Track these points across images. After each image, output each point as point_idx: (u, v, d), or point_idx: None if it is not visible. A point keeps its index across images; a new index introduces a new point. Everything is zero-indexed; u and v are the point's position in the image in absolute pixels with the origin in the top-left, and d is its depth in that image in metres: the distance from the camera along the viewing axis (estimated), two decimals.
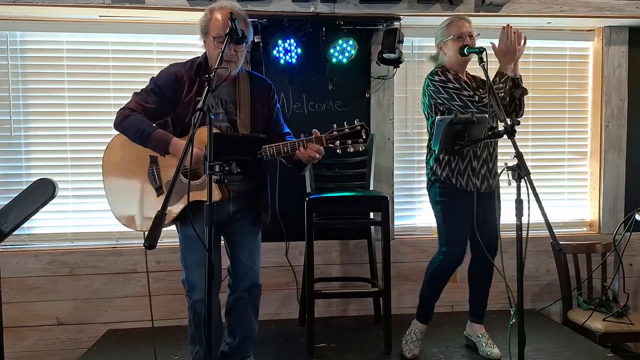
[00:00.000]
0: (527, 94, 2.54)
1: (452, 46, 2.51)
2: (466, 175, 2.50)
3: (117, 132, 2.21)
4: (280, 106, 3.17)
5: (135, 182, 2.21)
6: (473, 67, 2.62)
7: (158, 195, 2.18)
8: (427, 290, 2.66)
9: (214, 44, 2.08)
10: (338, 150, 2.05)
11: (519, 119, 2.73)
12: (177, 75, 2.15)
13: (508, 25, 2.45)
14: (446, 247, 2.53)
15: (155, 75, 2.20)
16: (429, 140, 2.59)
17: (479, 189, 2.50)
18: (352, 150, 2.03)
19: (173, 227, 2.27)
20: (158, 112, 2.16)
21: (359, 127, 2.02)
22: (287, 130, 2.35)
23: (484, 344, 2.64)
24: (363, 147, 2.05)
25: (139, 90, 2.19)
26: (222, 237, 2.33)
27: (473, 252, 2.63)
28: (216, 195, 2.00)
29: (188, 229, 2.16)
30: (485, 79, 2.18)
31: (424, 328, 2.72)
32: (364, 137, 2.02)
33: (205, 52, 2.18)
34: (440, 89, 2.45)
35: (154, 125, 2.14)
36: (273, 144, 2.07)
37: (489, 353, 2.60)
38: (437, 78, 2.48)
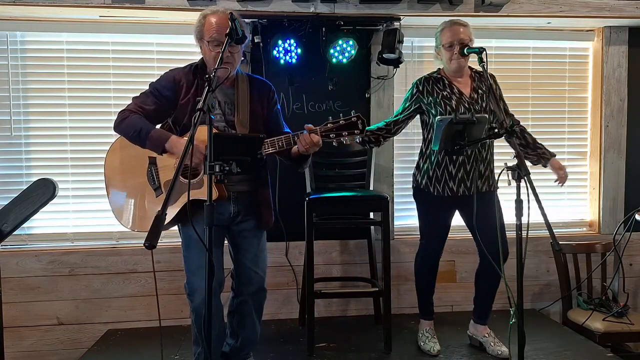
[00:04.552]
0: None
1: (444, 54, 2.56)
2: (443, 181, 2.58)
3: (116, 135, 2.22)
4: (281, 106, 3.18)
5: (135, 183, 2.22)
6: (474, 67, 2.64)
7: (157, 196, 2.18)
8: (417, 284, 2.78)
9: (209, 48, 2.11)
10: (334, 143, 2.03)
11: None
12: (176, 78, 2.17)
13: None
14: (424, 239, 2.71)
15: (154, 80, 2.23)
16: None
17: (456, 193, 2.56)
18: (348, 142, 2.02)
19: (173, 228, 2.27)
20: (157, 114, 2.18)
21: (354, 118, 2.01)
22: (287, 130, 2.34)
23: (492, 344, 2.65)
24: (360, 139, 2.04)
25: (138, 95, 2.22)
26: (225, 239, 2.32)
27: (479, 256, 2.65)
28: (214, 194, 2.00)
29: (189, 229, 2.16)
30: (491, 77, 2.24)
31: (431, 323, 2.76)
32: (360, 128, 2.01)
33: (203, 57, 2.21)
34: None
35: (153, 125, 2.15)
36: (268, 139, 2.08)
37: (499, 352, 2.60)
38: (414, 89, 2.64)
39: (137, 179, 2.22)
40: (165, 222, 2.07)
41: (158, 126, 2.22)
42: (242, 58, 2.99)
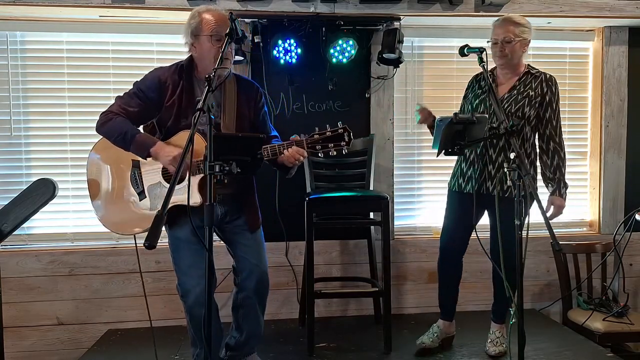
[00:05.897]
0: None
1: (491, 50, 2.51)
2: (455, 177, 2.63)
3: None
4: (280, 106, 3.19)
5: (118, 186, 2.21)
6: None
7: (141, 200, 2.17)
8: (438, 282, 2.74)
9: (210, 43, 2.05)
10: (320, 154, 2.00)
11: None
12: (161, 79, 2.13)
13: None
14: (440, 239, 2.68)
15: (139, 80, 2.18)
16: None
17: (462, 189, 2.56)
18: (334, 154, 1.98)
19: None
20: (141, 116, 2.15)
21: (341, 130, 1.98)
22: (274, 133, 2.33)
23: (488, 340, 2.67)
24: (346, 151, 2.00)
25: (122, 94, 2.18)
26: (216, 239, 2.31)
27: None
28: (197, 198, 2.00)
29: (176, 232, 2.18)
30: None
31: (442, 323, 2.72)
32: (347, 140, 1.97)
33: (190, 56, 2.16)
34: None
35: (137, 128, 2.13)
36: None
37: (486, 349, 2.65)
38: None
39: (120, 182, 2.21)
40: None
41: (141, 128, 2.20)
42: (242, 58, 3.00)
